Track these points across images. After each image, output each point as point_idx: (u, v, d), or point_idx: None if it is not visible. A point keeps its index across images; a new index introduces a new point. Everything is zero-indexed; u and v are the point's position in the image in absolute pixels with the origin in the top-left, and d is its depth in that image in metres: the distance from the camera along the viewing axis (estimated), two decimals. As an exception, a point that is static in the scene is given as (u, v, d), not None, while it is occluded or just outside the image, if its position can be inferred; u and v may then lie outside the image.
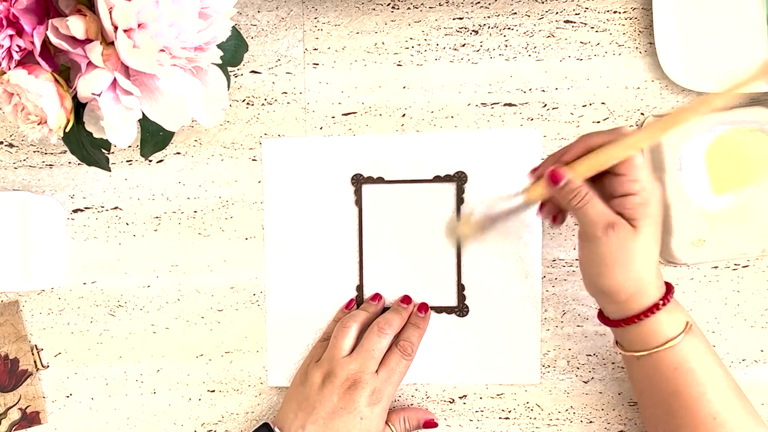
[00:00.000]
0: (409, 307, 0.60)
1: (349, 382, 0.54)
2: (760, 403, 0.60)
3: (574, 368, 0.61)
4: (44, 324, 0.61)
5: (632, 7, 0.62)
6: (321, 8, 0.62)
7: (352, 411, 0.53)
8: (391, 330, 0.57)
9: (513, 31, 0.62)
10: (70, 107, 0.44)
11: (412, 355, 0.57)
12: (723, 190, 0.60)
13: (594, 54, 0.62)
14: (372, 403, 0.54)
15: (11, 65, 0.43)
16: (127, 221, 0.62)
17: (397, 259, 0.61)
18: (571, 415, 0.61)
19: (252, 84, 0.62)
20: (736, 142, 0.60)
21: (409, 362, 0.57)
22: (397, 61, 0.62)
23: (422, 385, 0.61)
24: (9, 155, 0.62)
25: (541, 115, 0.62)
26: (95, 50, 0.42)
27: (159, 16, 0.41)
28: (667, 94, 0.61)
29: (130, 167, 0.62)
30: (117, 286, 0.62)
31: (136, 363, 0.61)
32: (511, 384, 0.61)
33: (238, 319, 0.62)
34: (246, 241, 0.62)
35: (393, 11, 0.62)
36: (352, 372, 0.55)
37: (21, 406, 0.61)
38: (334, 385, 0.54)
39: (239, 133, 0.62)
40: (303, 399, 0.55)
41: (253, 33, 0.62)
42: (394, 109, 0.62)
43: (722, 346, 0.61)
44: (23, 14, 0.41)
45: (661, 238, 0.60)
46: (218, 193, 0.62)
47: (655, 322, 0.50)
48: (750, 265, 0.61)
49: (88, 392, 0.61)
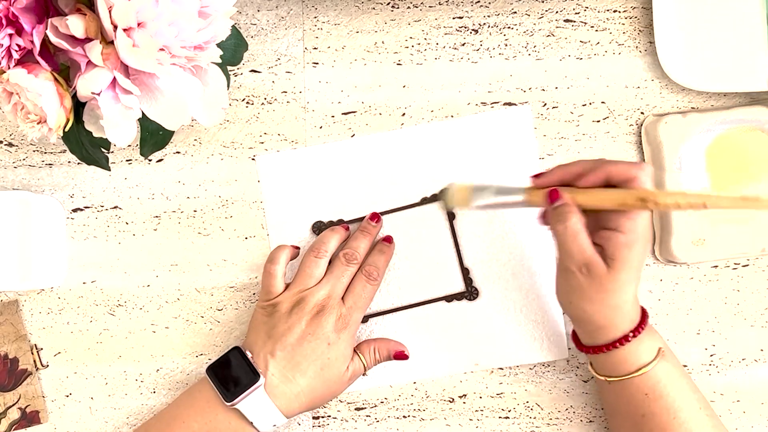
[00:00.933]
0: (377, 226, 0.60)
1: (317, 309, 0.55)
2: (760, 403, 0.60)
3: (574, 368, 0.61)
4: (44, 323, 0.61)
5: (632, 6, 0.62)
6: (321, 7, 0.62)
7: (319, 336, 0.54)
8: (359, 257, 0.57)
9: (513, 30, 0.62)
10: (70, 106, 0.44)
11: (378, 280, 0.57)
12: (723, 189, 0.60)
13: (594, 53, 0.62)
14: (339, 329, 0.54)
15: (11, 64, 0.43)
16: (127, 221, 0.62)
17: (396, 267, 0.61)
18: (571, 415, 0.61)
19: (252, 83, 0.62)
20: (736, 141, 0.60)
21: (375, 287, 0.57)
22: (397, 61, 0.62)
23: (422, 384, 0.61)
24: (9, 155, 0.62)
25: (541, 114, 0.62)
26: (95, 49, 0.42)
27: (158, 15, 0.41)
28: (667, 93, 0.61)
29: (129, 166, 0.62)
30: (117, 286, 0.62)
31: (135, 362, 0.61)
32: (541, 362, 0.60)
33: (238, 319, 0.62)
34: (246, 240, 0.62)
35: (393, 10, 0.62)
36: (320, 299, 0.55)
37: (20, 406, 0.61)
38: (303, 312, 0.54)
39: (239, 133, 0.62)
40: (271, 327, 0.55)
41: (253, 32, 0.62)
42: (393, 109, 0.62)
43: (722, 346, 0.61)
44: (23, 13, 0.41)
45: (661, 238, 0.60)
46: (218, 192, 0.62)
47: (625, 351, 0.51)
48: (750, 265, 0.61)
49: (87, 392, 0.61)
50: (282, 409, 0.53)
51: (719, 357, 0.61)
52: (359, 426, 0.61)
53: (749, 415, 0.60)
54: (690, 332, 0.61)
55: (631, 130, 0.61)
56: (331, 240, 0.58)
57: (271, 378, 0.53)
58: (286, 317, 0.55)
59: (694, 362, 0.61)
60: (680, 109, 0.61)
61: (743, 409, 0.60)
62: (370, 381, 0.61)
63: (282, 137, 0.62)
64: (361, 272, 0.57)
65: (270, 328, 0.55)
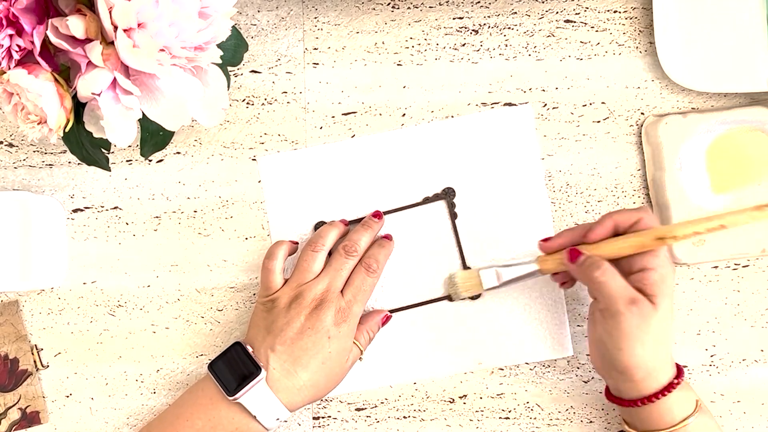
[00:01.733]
0: (380, 222, 0.59)
1: (316, 303, 0.55)
2: (760, 403, 0.60)
3: (574, 368, 0.61)
4: (44, 324, 0.61)
5: (632, 7, 0.62)
6: (321, 8, 0.62)
7: (319, 330, 0.54)
8: (359, 249, 0.57)
9: (513, 30, 0.62)
10: (70, 107, 0.44)
11: (378, 272, 0.57)
12: (723, 189, 0.60)
13: (594, 54, 0.62)
14: (338, 323, 0.54)
15: (11, 65, 0.43)
16: (127, 221, 0.62)
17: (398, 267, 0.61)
18: (571, 415, 0.61)
19: (252, 84, 0.62)
20: (736, 142, 0.60)
21: (374, 279, 0.57)
22: (397, 61, 0.62)
23: (422, 385, 0.61)
24: (9, 155, 0.62)
25: (541, 114, 0.62)
26: (95, 50, 0.42)
27: (159, 15, 0.41)
28: (667, 93, 0.61)
29: (129, 167, 0.62)
30: (117, 286, 0.62)
31: (136, 363, 0.61)
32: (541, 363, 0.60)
33: (239, 320, 0.62)
34: (246, 240, 0.62)
35: (393, 11, 0.62)
36: (318, 293, 0.55)
37: (21, 406, 0.61)
38: (301, 306, 0.54)
39: (239, 133, 0.62)
40: (270, 322, 0.55)
41: (253, 33, 0.62)
42: (394, 109, 0.62)
43: (722, 346, 0.61)
44: (23, 14, 0.41)
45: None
46: (218, 192, 0.62)
47: (668, 402, 0.51)
48: (750, 265, 0.61)
49: (88, 392, 0.61)
50: (285, 403, 0.53)
51: (719, 357, 0.61)
52: (359, 426, 0.61)
53: (749, 415, 0.60)
54: (690, 333, 0.61)
55: (632, 131, 0.62)
56: (329, 234, 0.58)
57: (272, 372, 0.53)
58: (285, 312, 0.54)
59: (695, 363, 0.61)
60: (680, 109, 0.61)
61: (743, 409, 0.60)
62: (370, 381, 0.61)
63: (282, 138, 0.62)
64: (360, 265, 0.57)
65: (269, 323, 0.55)
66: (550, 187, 0.61)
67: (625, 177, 0.61)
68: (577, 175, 0.61)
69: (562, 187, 0.61)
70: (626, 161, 0.61)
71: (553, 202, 0.61)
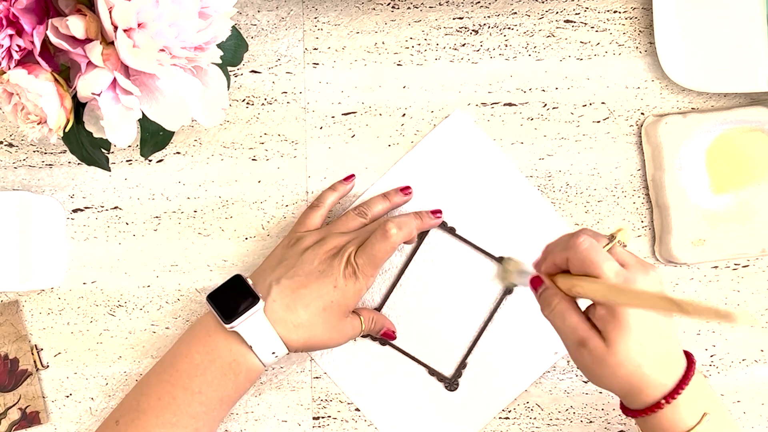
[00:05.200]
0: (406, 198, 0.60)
1: (334, 251, 0.55)
2: (760, 403, 0.60)
3: (574, 368, 0.61)
4: (44, 324, 0.61)
5: (632, 7, 0.62)
6: (321, 8, 0.62)
7: (328, 276, 0.54)
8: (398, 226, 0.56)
9: (513, 30, 0.62)
10: (70, 107, 0.44)
11: (393, 239, 0.55)
12: (723, 190, 0.60)
13: (594, 54, 0.62)
14: (347, 276, 0.54)
15: (11, 65, 0.43)
16: (127, 221, 0.62)
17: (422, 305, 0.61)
18: (571, 415, 0.61)
19: (252, 84, 0.62)
20: (736, 142, 0.60)
21: (387, 245, 0.55)
22: (397, 61, 0.62)
23: (422, 385, 0.61)
24: (9, 155, 0.62)
25: (541, 114, 0.62)
26: (95, 50, 0.42)
27: (159, 15, 0.41)
28: (667, 93, 0.61)
29: (129, 167, 0.62)
30: (117, 286, 0.62)
31: (136, 363, 0.61)
32: None
33: (238, 319, 0.62)
34: (246, 240, 0.62)
35: (393, 11, 0.62)
36: (340, 243, 0.56)
37: (21, 406, 0.61)
38: (321, 250, 0.55)
39: (239, 133, 0.62)
40: (285, 258, 0.56)
41: (253, 33, 0.62)
42: (394, 109, 0.62)
43: (722, 346, 0.61)
44: (23, 14, 0.41)
45: (661, 239, 0.60)
46: (218, 192, 0.62)
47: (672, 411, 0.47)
48: (750, 265, 0.61)
49: (88, 392, 0.61)
50: (282, 336, 0.53)
51: (719, 357, 0.61)
52: (359, 426, 0.61)
53: (749, 415, 0.60)
54: (690, 333, 0.61)
55: (632, 131, 0.62)
56: (377, 205, 0.59)
57: (272, 304, 0.53)
58: (303, 251, 0.56)
59: (695, 363, 0.61)
60: (680, 109, 0.61)
61: (743, 409, 0.60)
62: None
63: (282, 138, 0.62)
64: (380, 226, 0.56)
65: (285, 257, 0.56)
66: (550, 187, 0.61)
67: (625, 177, 0.61)
68: (577, 175, 0.61)
69: (562, 187, 0.61)
70: (626, 161, 0.61)
71: (553, 202, 0.61)
